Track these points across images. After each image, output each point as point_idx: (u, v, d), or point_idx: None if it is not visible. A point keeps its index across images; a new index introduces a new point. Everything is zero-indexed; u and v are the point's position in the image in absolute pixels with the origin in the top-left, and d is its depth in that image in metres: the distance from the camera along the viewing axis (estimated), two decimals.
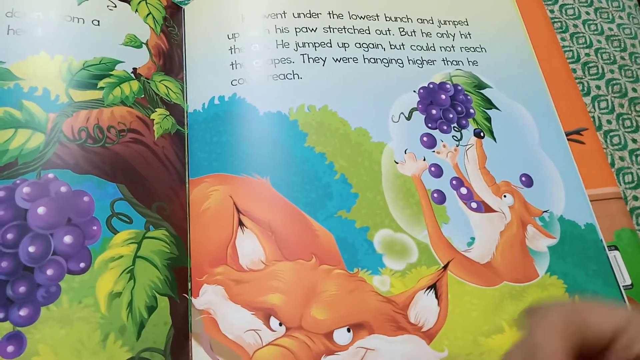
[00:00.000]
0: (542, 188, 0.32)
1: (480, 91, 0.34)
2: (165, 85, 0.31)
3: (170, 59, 0.33)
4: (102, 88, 0.29)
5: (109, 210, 0.26)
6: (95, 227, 0.26)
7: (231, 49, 0.32)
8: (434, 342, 0.26)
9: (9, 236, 0.24)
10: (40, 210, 0.25)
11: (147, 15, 0.33)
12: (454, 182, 0.31)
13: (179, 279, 0.27)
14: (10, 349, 0.23)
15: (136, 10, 0.32)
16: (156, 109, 0.30)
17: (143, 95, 0.30)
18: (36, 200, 0.25)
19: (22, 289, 0.24)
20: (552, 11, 0.40)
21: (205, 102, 0.31)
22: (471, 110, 0.33)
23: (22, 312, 0.23)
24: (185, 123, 0.31)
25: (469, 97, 0.34)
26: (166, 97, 0.31)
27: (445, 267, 0.28)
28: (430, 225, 0.29)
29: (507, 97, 0.34)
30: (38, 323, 0.24)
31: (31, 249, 0.24)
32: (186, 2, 0.36)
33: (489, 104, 0.34)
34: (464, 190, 0.31)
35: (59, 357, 0.23)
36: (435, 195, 0.30)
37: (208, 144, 0.30)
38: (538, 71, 0.36)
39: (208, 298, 0.26)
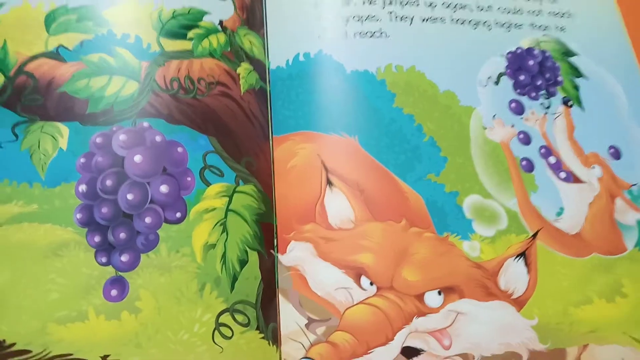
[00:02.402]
0: (630, 161, 0.31)
1: (568, 58, 0.33)
2: (249, 40, 0.31)
3: (252, 13, 0.32)
4: (191, 39, 0.28)
5: (202, 162, 0.26)
6: (189, 178, 0.26)
7: (316, 4, 0.31)
8: (524, 310, 0.26)
9: (108, 182, 0.24)
10: (137, 158, 0.25)
11: None
12: (542, 150, 0.30)
13: (265, 235, 0.27)
14: (114, 292, 0.23)
15: None
16: (241, 63, 0.30)
17: (229, 49, 0.30)
18: (132, 148, 0.25)
19: (122, 235, 0.24)
20: None
21: (290, 59, 0.31)
22: (559, 78, 0.32)
23: (124, 258, 0.24)
24: (267, 79, 0.31)
25: (557, 65, 0.33)
26: (250, 52, 0.30)
27: (534, 235, 0.28)
28: (519, 193, 0.29)
29: (595, 65, 0.33)
30: (139, 269, 0.24)
31: (129, 197, 0.24)
32: None
33: (577, 72, 0.33)
34: (552, 160, 0.30)
35: (159, 303, 0.23)
36: (523, 163, 0.29)
37: (293, 101, 0.30)
38: (626, 39, 0.34)
39: (296, 254, 0.26)
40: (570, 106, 0.32)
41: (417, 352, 0.25)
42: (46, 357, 0.22)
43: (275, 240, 0.27)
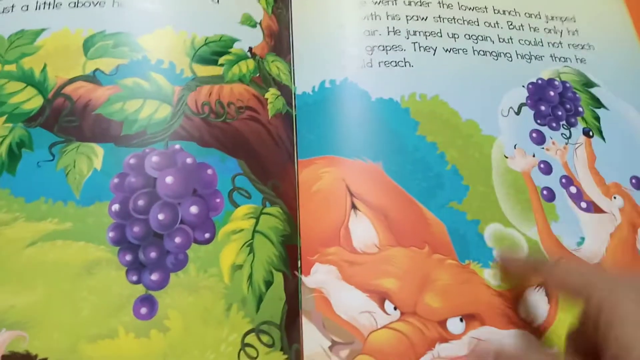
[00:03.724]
0: None
1: (589, 89, 0.34)
2: (277, 66, 0.32)
3: (280, 40, 0.33)
4: (222, 65, 0.29)
5: (231, 184, 0.27)
6: (218, 200, 0.26)
7: (342, 33, 0.32)
8: (545, 338, 0.26)
9: (140, 203, 0.25)
10: (169, 179, 0.26)
11: None
12: (563, 180, 0.30)
13: (290, 256, 0.27)
14: (143, 310, 0.24)
15: None
16: (269, 89, 0.31)
17: (258, 75, 0.31)
18: (164, 170, 0.26)
19: (152, 255, 0.25)
20: None
21: (316, 85, 0.31)
22: (580, 109, 0.33)
23: (154, 277, 0.24)
24: (293, 104, 0.31)
25: (577, 95, 0.33)
26: (277, 77, 0.31)
27: None
28: (540, 223, 0.29)
29: (615, 96, 0.34)
30: (168, 288, 0.24)
31: (160, 217, 0.25)
32: None
33: (597, 103, 0.33)
34: (573, 189, 0.30)
35: (187, 322, 0.24)
36: (544, 192, 0.30)
37: (319, 126, 0.30)
38: None
39: (320, 277, 0.27)
40: (591, 136, 0.32)
41: None
42: None
43: (299, 262, 0.27)
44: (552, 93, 0.33)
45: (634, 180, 0.31)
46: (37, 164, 0.26)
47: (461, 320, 0.26)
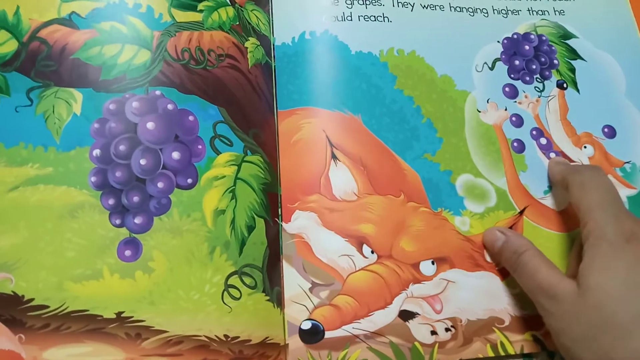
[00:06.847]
0: (625, 139, 0.32)
1: (566, 41, 0.34)
2: (256, 16, 0.32)
3: None
4: (201, 11, 0.29)
5: (212, 131, 0.27)
6: (200, 146, 0.27)
7: None
8: (508, 279, 0.28)
9: (122, 148, 0.25)
10: (150, 125, 0.26)
11: None
12: (534, 132, 0.32)
13: (271, 204, 0.28)
14: (127, 253, 0.24)
15: None
16: (249, 38, 0.30)
17: (237, 23, 0.30)
18: (145, 115, 0.26)
19: (135, 199, 0.25)
20: None
21: (296, 36, 0.31)
22: (555, 61, 0.34)
23: (137, 220, 0.25)
24: (272, 55, 0.31)
25: (553, 48, 0.34)
26: (257, 27, 0.31)
27: (521, 212, 0.30)
28: (509, 173, 0.30)
29: (594, 46, 0.34)
30: (152, 231, 0.25)
31: (142, 162, 0.25)
32: None
33: (574, 54, 0.34)
34: (543, 141, 0.32)
35: (172, 264, 0.24)
36: (515, 144, 0.31)
37: (298, 77, 0.31)
38: (630, 17, 0.36)
39: (301, 223, 0.28)
40: (565, 88, 0.33)
41: (412, 315, 0.26)
42: (63, 312, 0.23)
43: (280, 210, 0.28)
44: (527, 47, 0.34)
45: (606, 129, 0.32)
46: (15, 109, 0.25)
47: (433, 263, 0.27)
